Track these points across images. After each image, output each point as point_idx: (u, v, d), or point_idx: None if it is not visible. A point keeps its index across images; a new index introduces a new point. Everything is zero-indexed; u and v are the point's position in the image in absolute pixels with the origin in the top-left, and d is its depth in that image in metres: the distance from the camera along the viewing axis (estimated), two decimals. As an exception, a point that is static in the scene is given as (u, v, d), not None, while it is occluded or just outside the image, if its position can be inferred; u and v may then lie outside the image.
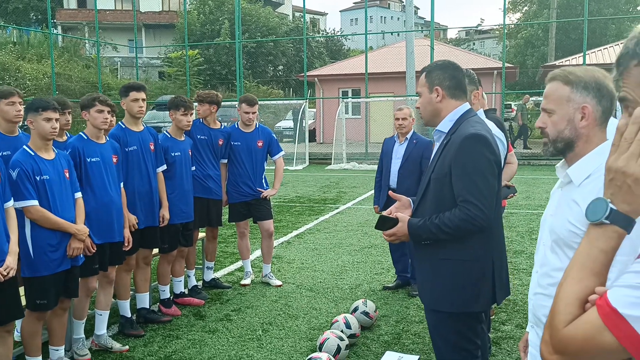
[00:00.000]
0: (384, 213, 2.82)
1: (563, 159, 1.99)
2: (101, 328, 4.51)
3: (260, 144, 5.85)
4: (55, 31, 37.20)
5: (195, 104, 5.74)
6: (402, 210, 2.87)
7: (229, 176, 5.89)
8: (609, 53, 24.33)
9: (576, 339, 1.04)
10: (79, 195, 4.00)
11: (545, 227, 1.98)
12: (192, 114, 5.23)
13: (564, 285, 1.13)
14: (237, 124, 5.94)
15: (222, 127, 5.86)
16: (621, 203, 1.12)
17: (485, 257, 2.68)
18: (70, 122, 4.57)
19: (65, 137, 4.62)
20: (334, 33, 50.89)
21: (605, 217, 1.13)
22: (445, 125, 2.76)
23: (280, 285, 5.97)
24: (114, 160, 4.37)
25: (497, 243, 2.76)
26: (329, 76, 27.01)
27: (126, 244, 4.46)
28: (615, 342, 0.99)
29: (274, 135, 6.09)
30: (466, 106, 2.78)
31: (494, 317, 4.89)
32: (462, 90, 2.80)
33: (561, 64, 23.82)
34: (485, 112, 4.15)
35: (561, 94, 1.93)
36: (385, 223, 2.73)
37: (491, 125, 3.33)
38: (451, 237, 2.61)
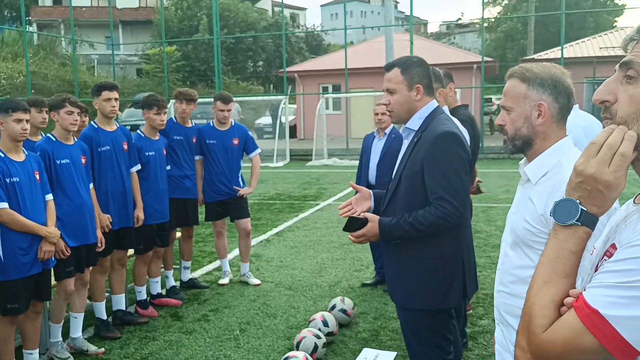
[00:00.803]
0: (344, 208, 2.80)
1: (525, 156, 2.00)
2: (76, 331, 4.45)
3: (236, 142, 5.81)
4: (30, 29, 36.65)
5: (172, 101, 5.69)
6: (362, 201, 2.87)
7: (205, 175, 5.84)
8: (587, 46, 24.61)
9: (556, 343, 1.03)
10: (49, 197, 3.93)
11: (508, 224, 2.00)
12: (165, 112, 5.16)
13: (536, 288, 1.12)
14: (212, 122, 5.88)
15: (193, 124, 5.81)
16: (590, 205, 1.13)
17: (456, 254, 2.70)
18: (47, 120, 4.49)
19: (40, 137, 4.53)
20: (314, 28, 50.76)
21: (577, 219, 1.12)
22: (414, 122, 2.76)
23: (259, 284, 5.94)
24: (83, 161, 4.31)
25: (466, 238, 2.79)
26: (309, 72, 26.96)
27: (99, 245, 4.40)
28: (596, 343, 0.99)
29: (250, 133, 6.05)
30: (434, 103, 2.79)
31: (470, 311, 4.92)
32: (433, 88, 2.82)
33: (540, 57, 24.05)
34: (456, 108, 4.15)
35: (518, 92, 1.94)
36: (353, 224, 2.69)
37: (456, 122, 3.34)
38: (425, 235, 2.61)
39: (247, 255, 6.08)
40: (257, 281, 5.99)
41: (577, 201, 1.12)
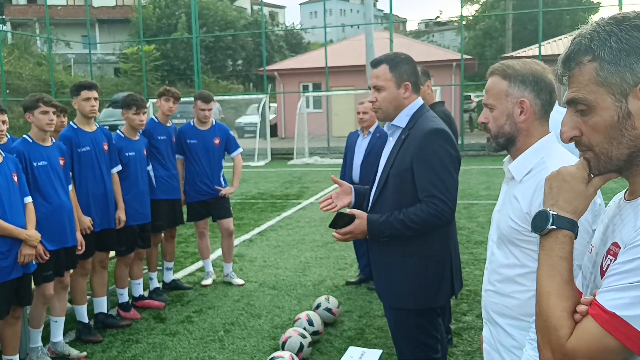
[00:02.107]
0: (324, 201, 2.78)
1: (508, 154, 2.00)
2: (57, 335, 4.37)
3: (217, 141, 5.76)
4: (4, 28, 35.99)
5: (151, 100, 5.63)
6: (342, 196, 2.84)
7: (186, 175, 5.79)
8: (564, 44, 24.93)
9: (581, 351, 1.06)
10: (28, 200, 3.85)
11: (494, 222, 2.00)
12: (145, 112, 5.09)
13: (545, 301, 1.15)
14: (193, 121, 5.83)
15: (171, 123, 5.76)
16: (563, 203, 1.18)
17: (444, 252, 2.69)
18: (7, 122, 4.38)
19: (5, 139, 4.43)
20: (293, 26, 50.66)
21: (551, 224, 1.17)
22: (401, 120, 2.73)
23: (242, 285, 5.90)
24: (61, 162, 4.22)
25: (453, 236, 2.79)
26: (289, 70, 26.91)
27: (79, 248, 4.32)
28: (619, 345, 1.01)
29: (231, 133, 6.01)
30: (420, 101, 2.79)
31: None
32: (419, 85, 2.80)
33: (518, 54, 24.29)
34: (433, 105, 4.15)
35: (500, 89, 1.93)
36: (340, 220, 2.63)
37: None
38: (416, 233, 2.58)
39: (230, 256, 6.03)
40: (241, 281, 5.95)
41: (547, 209, 1.19)
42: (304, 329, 4.31)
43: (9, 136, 4.54)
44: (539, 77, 1.90)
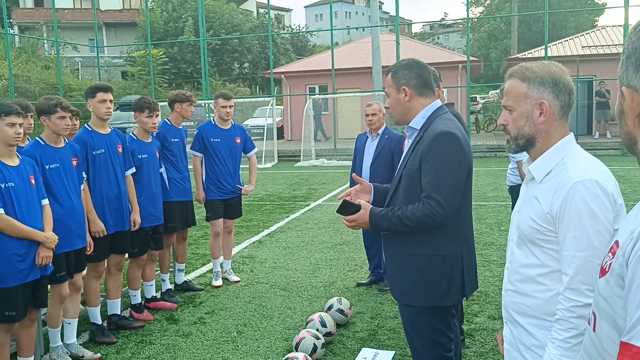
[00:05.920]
0: (344, 197, 2.85)
1: (528, 155, 2.02)
2: (71, 337, 4.40)
3: (238, 140, 5.91)
4: (11, 31, 36.19)
5: (160, 104, 5.71)
6: (362, 194, 2.92)
7: (209, 173, 5.86)
8: (569, 45, 24.87)
9: None
10: (46, 202, 3.88)
11: (514, 223, 2.01)
12: (157, 115, 5.14)
13: None
14: (214, 120, 5.92)
15: (182, 125, 5.84)
16: None
17: (454, 253, 2.71)
18: (33, 125, 4.43)
19: (27, 142, 4.48)
20: (299, 29, 50.72)
21: None
22: (417, 122, 2.79)
23: (238, 281, 6.05)
24: (74, 163, 4.24)
25: (466, 238, 2.80)
26: (296, 73, 26.96)
27: (89, 249, 4.35)
28: None
29: (247, 133, 6.15)
30: (437, 103, 2.82)
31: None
32: (429, 88, 2.82)
33: (524, 56, 24.27)
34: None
35: (519, 91, 1.95)
36: (347, 208, 2.76)
37: None
38: (411, 230, 2.64)
39: (230, 252, 6.25)
40: (237, 278, 6.13)
41: None
42: (317, 330, 4.34)
43: (30, 140, 4.59)
44: (557, 78, 1.92)
